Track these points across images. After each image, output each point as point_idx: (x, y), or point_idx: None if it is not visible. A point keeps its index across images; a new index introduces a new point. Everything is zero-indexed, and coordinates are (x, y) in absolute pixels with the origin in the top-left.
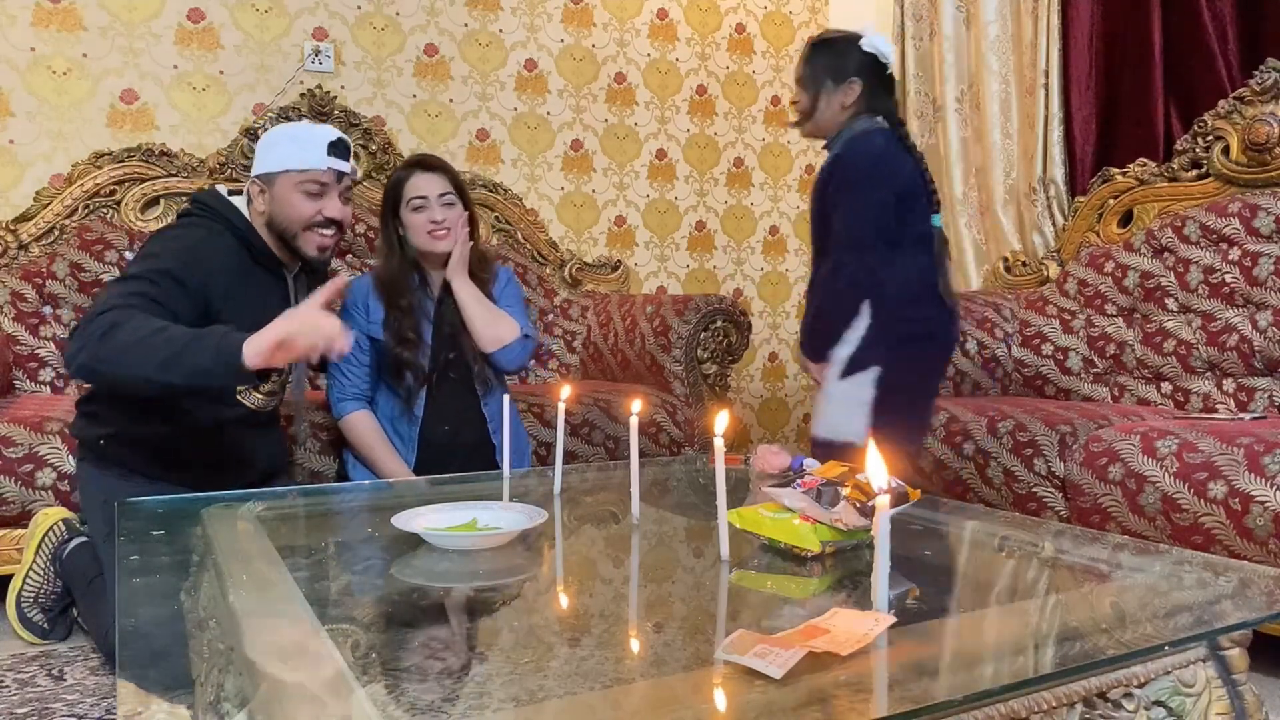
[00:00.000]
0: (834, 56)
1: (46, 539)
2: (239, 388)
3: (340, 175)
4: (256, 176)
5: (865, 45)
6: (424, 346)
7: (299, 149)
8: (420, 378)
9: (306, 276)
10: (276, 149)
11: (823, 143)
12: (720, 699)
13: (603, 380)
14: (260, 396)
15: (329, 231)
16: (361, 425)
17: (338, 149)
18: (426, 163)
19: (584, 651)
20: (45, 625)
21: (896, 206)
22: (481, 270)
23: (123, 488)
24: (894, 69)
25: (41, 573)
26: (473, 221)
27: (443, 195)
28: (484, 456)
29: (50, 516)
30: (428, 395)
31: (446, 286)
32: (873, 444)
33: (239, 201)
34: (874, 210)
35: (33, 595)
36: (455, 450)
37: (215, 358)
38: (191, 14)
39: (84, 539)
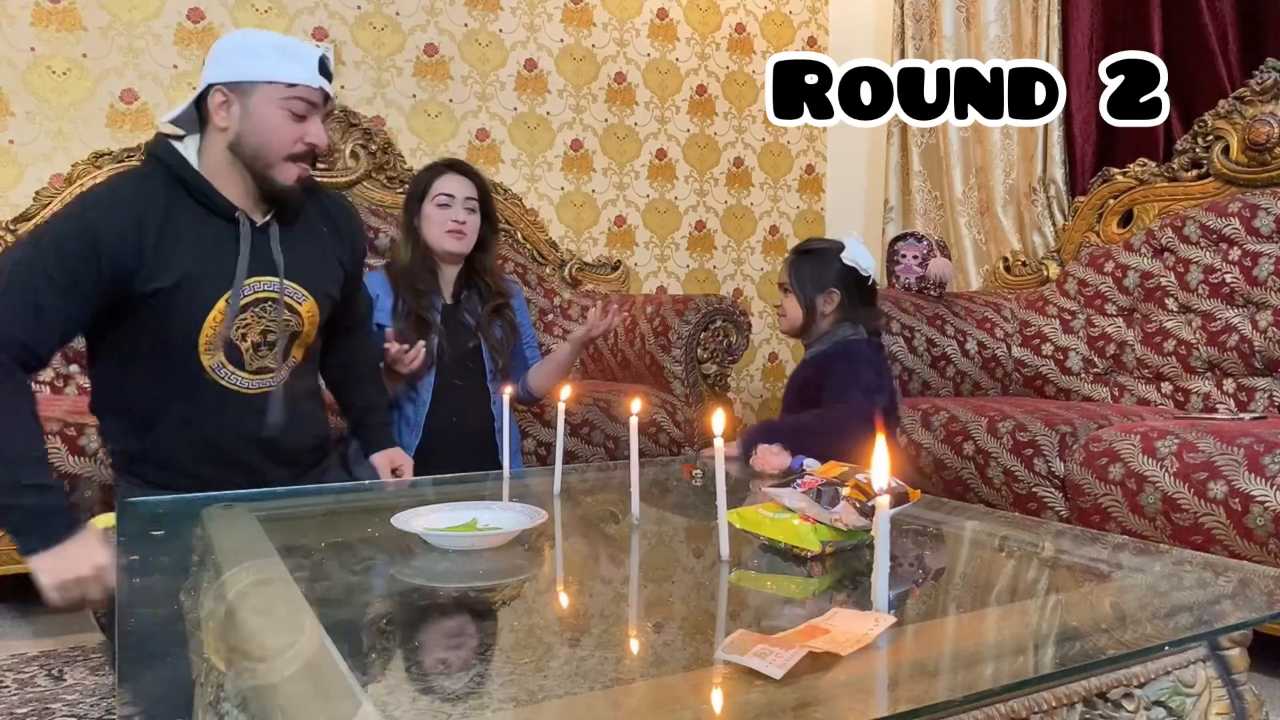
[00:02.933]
0: (816, 265)
1: None
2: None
3: (326, 98)
4: (222, 84)
5: (845, 258)
6: (435, 331)
7: (286, 59)
8: (428, 362)
9: (278, 228)
10: (256, 56)
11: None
12: (720, 699)
13: (603, 380)
14: (246, 376)
15: (306, 162)
16: None
17: (325, 68)
18: (460, 166)
19: (584, 651)
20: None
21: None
22: (498, 283)
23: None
24: (874, 278)
25: None
26: (494, 233)
27: (468, 199)
28: (486, 449)
29: (96, 526)
30: (438, 383)
31: (459, 289)
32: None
33: (183, 146)
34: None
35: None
36: (459, 441)
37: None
38: (191, 14)
39: None
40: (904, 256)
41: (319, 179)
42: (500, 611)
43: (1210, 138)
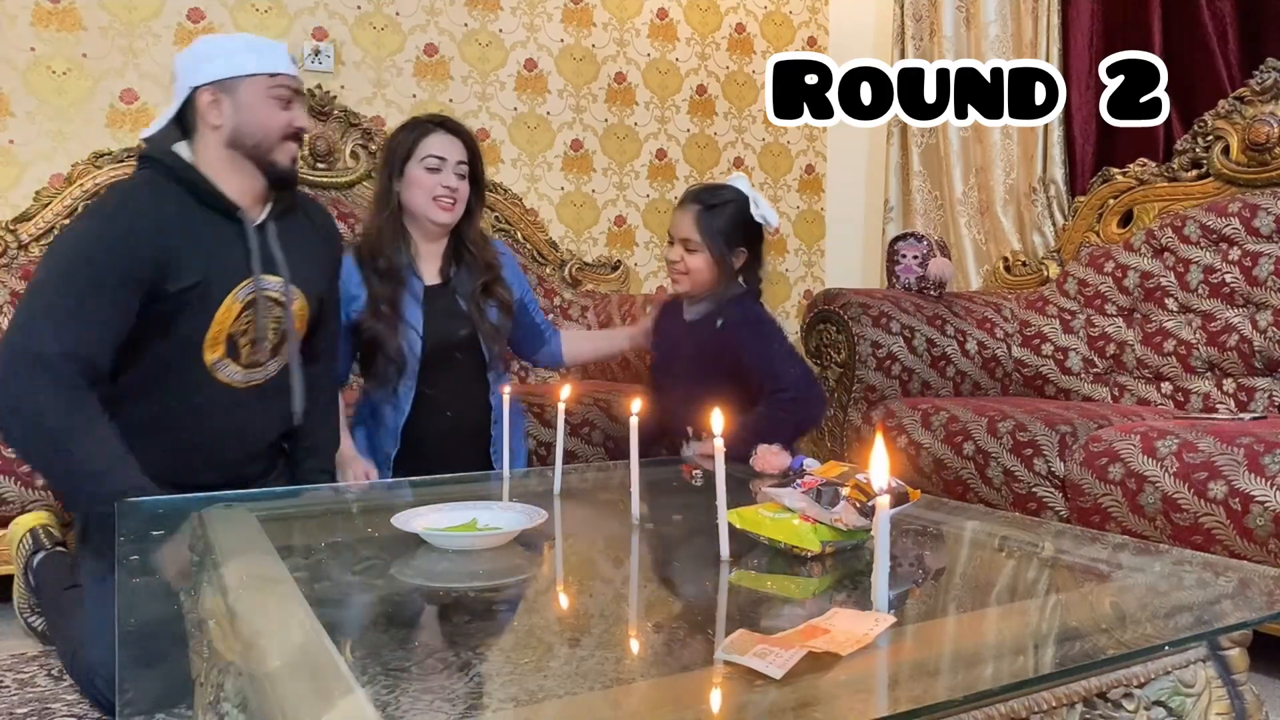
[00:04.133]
0: (728, 221)
1: (19, 551)
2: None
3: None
4: (208, 85)
5: (756, 215)
6: (405, 327)
7: (260, 55)
8: (399, 362)
9: (276, 224)
10: (232, 55)
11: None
12: (720, 699)
13: (603, 380)
14: (240, 370)
15: (296, 144)
16: None
17: (291, 58)
18: (451, 125)
19: (584, 651)
20: (44, 631)
21: None
22: (485, 255)
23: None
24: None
25: (23, 583)
26: (480, 199)
27: (459, 164)
28: (479, 448)
29: (20, 526)
30: (423, 381)
31: (446, 267)
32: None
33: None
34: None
35: (27, 606)
36: (450, 438)
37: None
38: (191, 14)
39: (47, 551)
40: (904, 256)
41: (318, 179)
42: (500, 611)
43: (1210, 138)
